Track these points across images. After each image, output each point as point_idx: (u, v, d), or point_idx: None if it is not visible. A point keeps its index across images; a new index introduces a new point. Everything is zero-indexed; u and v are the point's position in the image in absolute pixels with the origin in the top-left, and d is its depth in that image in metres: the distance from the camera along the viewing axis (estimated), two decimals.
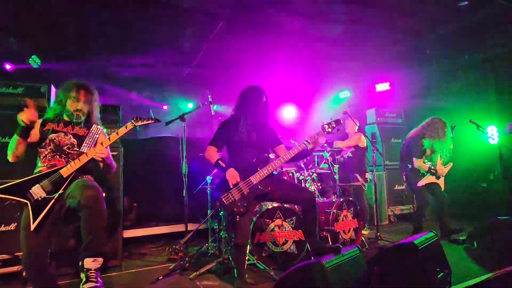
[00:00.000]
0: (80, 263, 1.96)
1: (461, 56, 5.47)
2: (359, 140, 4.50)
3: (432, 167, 3.98)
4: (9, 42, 3.84)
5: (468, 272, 2.82)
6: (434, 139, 3.93)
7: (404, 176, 4.26)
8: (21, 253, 2.00)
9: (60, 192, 2.04)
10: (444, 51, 5.27)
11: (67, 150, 2.22)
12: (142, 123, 2.23)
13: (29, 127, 2.11)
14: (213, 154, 2.64)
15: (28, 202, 1.98)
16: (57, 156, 2.19)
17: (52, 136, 2.23)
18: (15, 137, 2.12)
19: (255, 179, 2.50)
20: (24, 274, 2.70)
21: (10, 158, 2.19)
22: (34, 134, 2.24)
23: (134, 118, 2.23)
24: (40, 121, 2.30)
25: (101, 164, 2.34)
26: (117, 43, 4.48)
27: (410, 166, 4.09)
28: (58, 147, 2.21)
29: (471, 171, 5.55)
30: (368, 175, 4.53)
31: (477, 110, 5.21)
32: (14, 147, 2.14)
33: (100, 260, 2.00)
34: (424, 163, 4.01)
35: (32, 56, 4.22)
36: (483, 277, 2.64)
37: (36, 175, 2.09)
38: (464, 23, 4.42)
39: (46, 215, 1.97)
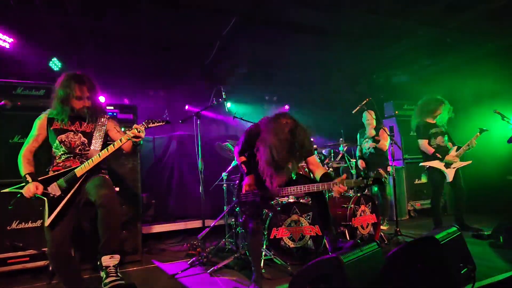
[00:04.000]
0: (98, 263, 2.03)
1: (483, 44, 5.23)
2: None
3: (438, 152, 3.94)
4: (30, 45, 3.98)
5: (494, 268, 2.72)
6: (426, 117, 4.02)
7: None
8: (48, 248, 2.12)
9: (73, 190, 2.13)
10: (465, 38, 5.05)
11: (79, 152, 2.26)
12: (153, 125, 2.24)
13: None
14: (238, 155, 2.67)
15: (45, 199, 2.10)
16: (71, 158, 2.25)
17: (62, 137, 2.25)
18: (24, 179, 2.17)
19: (272, 195, 2.54)
20: (50, 268, 2.83)
21: None
22: (42, 135, 2.28)
23: (146, 121, 2.24)
24: (45, 117, 2.32)
25: (130, 148, 2.32)
26: (133, 42, 4.56)
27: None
28: (70, 149, 2.24)
29: (497, 164, 5.32)
30: (390, 168, 4.44)
31: (502, 100, 4.98)
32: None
33: (117, 256, 2.06)
34: (431, 145, 4.01)
35: (53, 59, 4.35)
36: (509, 273, 2.54)
37: (54, 174, 2.19)
38: (485, 9, 4.22)
39: (62, 211, 2.08)
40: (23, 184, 2.14)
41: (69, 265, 2.17)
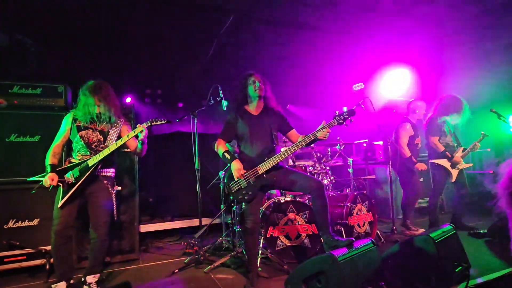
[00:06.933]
0: (83, 279, 2.54)
1: (482, 43, 5.24)
2: None
3: (448, 151, 3.91)
4: (25, 43, 3.96)
5: (488, 266, 2.74)
6: (447, 115, 3.91)
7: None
8: (54, 225, 2.41)
9: (84, 178, 2.43)
10: (464, 37, 5.05)
11: (95, 148, 2.55)
12: (156, 123, 2.53)
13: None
14: (221, 146, 2.67)
15: (61, 184, 2.44)
16: (88, 152, 2.54)
17: (82, 133, 2.55)
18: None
19: (261, 169, 2.52)
20: (47, 266, 2.86)
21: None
22: (68, 132, 2.58)
23: (150, 120, 2.52)
24: (71, 115, 2.61)
25: (135, 146, 2.64)
26: (130, 40, 4.54)
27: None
28: (87, 144, 2.54)
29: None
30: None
31: (500, 99, 4.99)
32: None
33: (98, 275, 2.58)
34: (441, 143, 3.96)
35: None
36: (503, 272, 2.56)
37: (70, 164, 2.51)
38: (486, 7, 4.22)
39: (73, 195, 2.41)
40: (45, 174, 2.43)
41: (67, 247, 2.47)
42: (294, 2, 3.89)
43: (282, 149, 2.55)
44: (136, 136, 2.53)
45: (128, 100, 4.70)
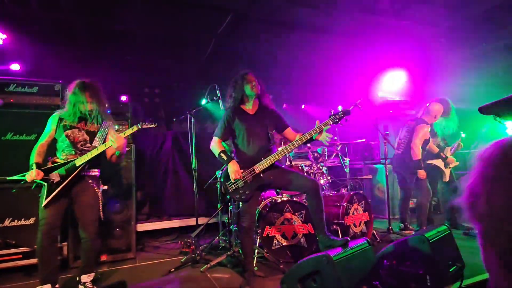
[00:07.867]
0: (77, 278, 2.54)
1: (479, 44, 5.26)
2: None
3: (442, 152, 3.98)
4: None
5: (482, 266, 2.75)
6: (441, 117, 3.95)
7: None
8: (40, 226, 2.37)
9: (71, 178, 2.40)
10: (461, 39, 5.08)
11: (81, 147, 2.52)
12: (146, 126, 2.58)
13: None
14: (217, 146, 2.68)
15: (46, 184, 2.39)
16: (73, 152, 2.51)
17: (68, 132, 2.51)
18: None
19: (257, 168, 2.53)
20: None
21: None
22: (54, 131, 2.54)
23: (140, 122, 2.57)
24: (57, 116, 2.58)
25: (111, 154, 2.61)
26: (128, 39, 4.53)
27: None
28: (73, 143, 2.51)
29: None
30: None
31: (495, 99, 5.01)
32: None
33: (93, 274, 2.57)
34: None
35: None
36: None
37: (56, 164, 2.46)
38: (482, 8, 4.24)
39: (58, 195, 2.38)
40: (27, 172, 2.38)
41: (53, 248, 2.47)
42: (293, 2, 3.90)
43: (279, 148, 2.56)
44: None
45: (124, 98, 4.68)
